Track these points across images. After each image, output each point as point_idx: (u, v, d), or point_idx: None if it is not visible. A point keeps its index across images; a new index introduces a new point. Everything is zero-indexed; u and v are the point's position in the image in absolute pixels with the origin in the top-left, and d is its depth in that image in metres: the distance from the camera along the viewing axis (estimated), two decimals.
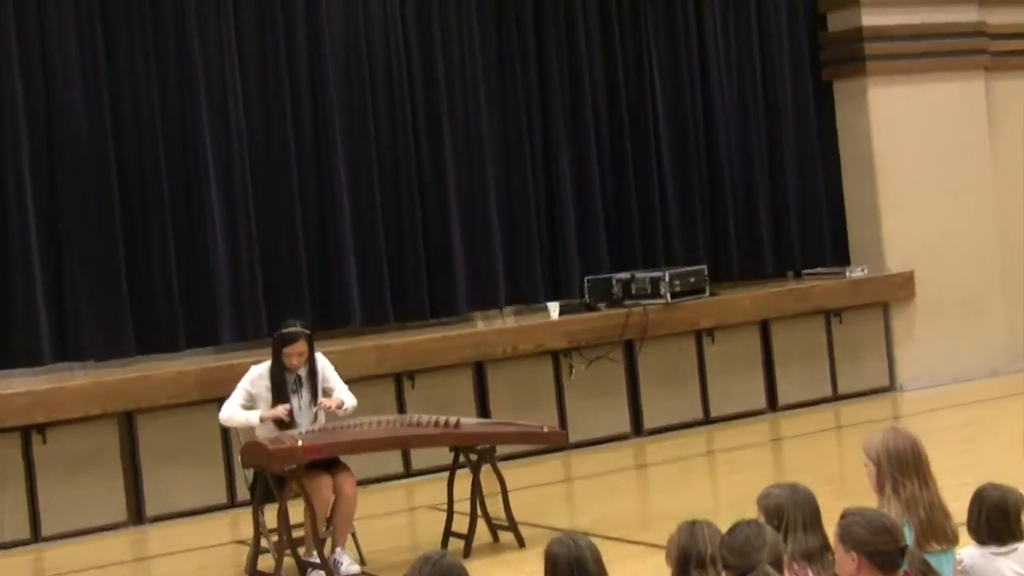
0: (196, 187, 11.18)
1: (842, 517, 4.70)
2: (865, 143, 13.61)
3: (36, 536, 10.04)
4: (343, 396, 8.47)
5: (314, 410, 8.40)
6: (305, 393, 8.43)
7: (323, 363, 8.56)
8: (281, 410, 8.25)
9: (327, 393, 8.49)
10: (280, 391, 8.35)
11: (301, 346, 8.36)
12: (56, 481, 10.09)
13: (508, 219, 12.46)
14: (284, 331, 8.43)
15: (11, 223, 10.57)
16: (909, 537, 4.96)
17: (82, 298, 10.80)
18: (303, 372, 8.42)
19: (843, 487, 9.03)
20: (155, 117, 11.07)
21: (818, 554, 4.96)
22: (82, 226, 10.81)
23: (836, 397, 13.07)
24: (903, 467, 5.31)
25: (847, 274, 13.39)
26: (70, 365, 10.93)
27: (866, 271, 13.39)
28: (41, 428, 10.05)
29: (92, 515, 10.19)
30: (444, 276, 12.09)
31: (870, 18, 13.55)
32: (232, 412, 8.36)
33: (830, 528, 4.91)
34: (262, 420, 8.28)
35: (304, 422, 8.35)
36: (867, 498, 5.34)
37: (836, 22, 13.83)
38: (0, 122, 10.57)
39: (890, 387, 13.41)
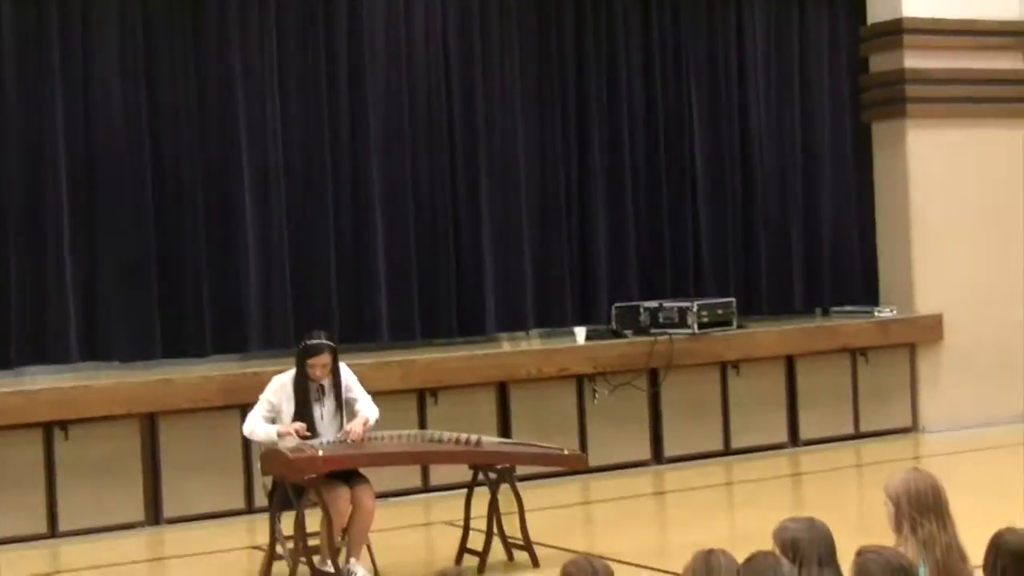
0: (231, 195, 11.24)
1: (858, 554, 4.68)
2: (902, 185, 13.58)
3: (53, 532, 10.08)
4: (366, 410, 8.47)
5: (341, 430, 8.37)
6: (328, 403, 8.45)
7: (346, 373, 8.57)
8: (292, 428, 8.25)
9: (350, 404, 8.50)
10: (303, 402, 8.37)
11: (325, 358, 8.38)
12: (76, 479, 10.13)
13: (540, 242, 12.48)
14: (309, 342, 8.44)
15: (46, 222, 10.63)
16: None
17: (112, 299, 10.86)
18: (326, 382, 8.44)
19: (861, 525, 8.99)
20: (192, 125, 11.14)
21: None
22: (116, 228, 10.88)
23: (858, 435, 13.03)
24: (922, 507, 5.30)
25: (875, 314, 13.36)
26: (96, 364, 10.98)
27: (895, 312, 13.35)
28: (64, 426, 10.10)
29: (110, 514, 10.23)
30: (473, 295, 12.12)
31: (912, 61, 13.52)
32: (254, 426, 8.38)
33: (844, 564, 4.90)
34: (280, 436, 8.29)
35: (326, 432, 8.36)
36: (884, 537, 5.32)
37: (878, 63, 13.81)
38: (39, 125, 10.65)
39: (913, 428, 13.36)
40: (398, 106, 11.90)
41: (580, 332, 12.08)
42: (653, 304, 12.34)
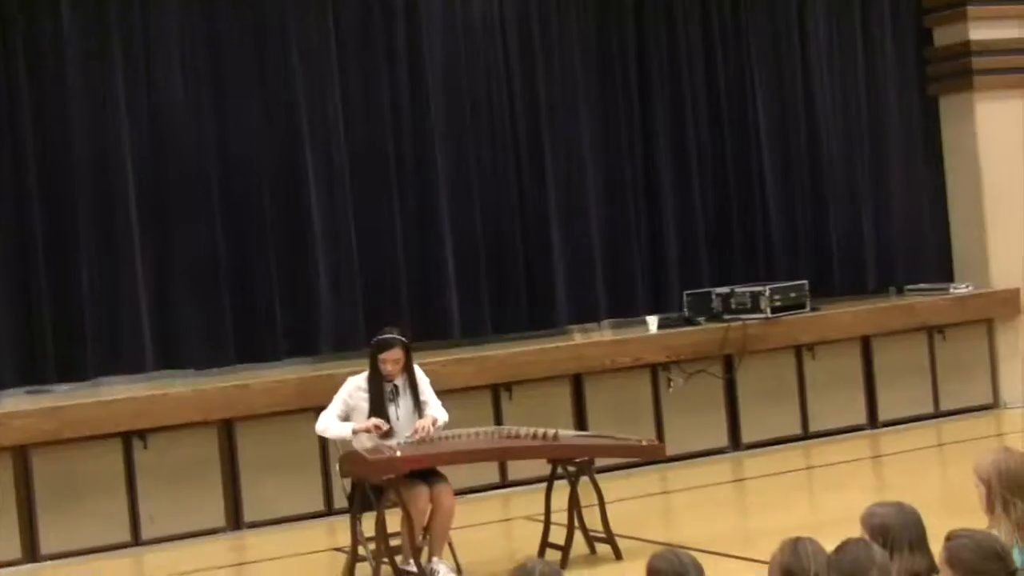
0: (297, 199, 11.26)
1: (948, 539, 4.59)
2: (972, 158, 13.42)
3: (136, 540, 10.14)
4: (436, 412, 8.47)
5: (415, 427, 8.37)
6: (404, 403, 8.44)
7: (419, 375, 8.56)
8: (371, 423, 8.25)
9: (423, 406, 8.48)
10: (377, 401, 8.36)
11: (397, 353, 8.37)
12: (156, 486, 10.19)
13: (609, 232, 12.42)
14: (380, 338, 8.47)
15: (117, 232, 10.70)
16: (1019, 558, 4.85)
17: (185, 308, 10.91)
18: (400, 381, 8.43)
19: (946, 505, 8.87)
20: (259, 130, 11.17)
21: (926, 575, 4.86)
22: (185, 238, 10.94)
23: (938, 414, 12.89)
24: (1015, 487, 5.21)
25: (951, 290, 13.21)
26: (171, 373, 11.04)
27: (970, 288, 13.19)
28: (143, 434, 10.15)
29: (191, 520, 10.28)
30: (544, 289, 12.08)
31: (977, 32, 13.35)
32: (328, 424, 8.40)
33: (933, 546, 4.82)
34: (355, 433, 8.29)
35: (403, 432, 8.35)
36: (972, 517, 5.24)
37: (943, 36, 13.65)
38: (104, 132, 10.71)
39: (994, 404, 13.20)
40: (459, 98, 11.88)
41: (652, 321, 12.02)
42: (725, 290, 12.26)
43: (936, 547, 4.71)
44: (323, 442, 10.23)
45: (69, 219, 10.58)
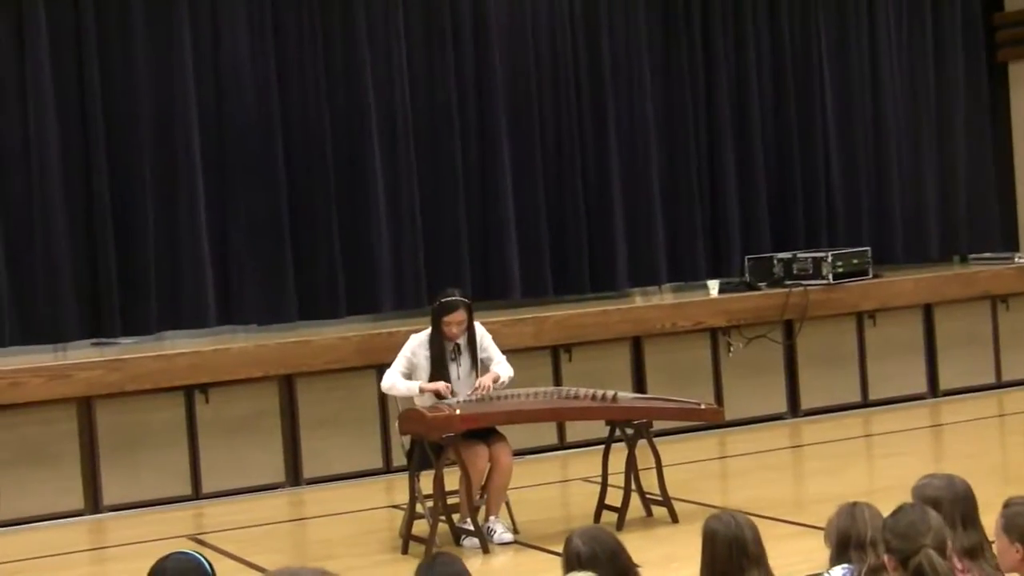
0: (360, 157, 11.29)
1: (1005, 506, 4.59)
2: None
3: (197, 493, 10.25)
4: (500, 368, 8.49)
5: (474, 385, 8.41)
6: (464, 361, 8.48)
7: (481, 332, 8.59)
8: (441, 385, 8.29)
9: (485, 364, 8.52)
10: (439, 360, 8.40)
11: (460, 315, 8.40)
12: (217, 441, 10.29)
13: (670, 196, 12.40)
14: (444, 300, 8.48)
15: (181, 191, 10.76)
16: None
17: (247, 264, 10.99)
18: (462, 341, 8.47)
19: (1006, 476, 8.86)
20: (321, 88, 11.19)
21: (979, 550, 4.84)
22: (248, 194, 11.00)
23: (1000, 384, 12.79)
24: None
25: (1015, 260, 13.08)
26: (233, 328, 11.13)
27: None
28: (204, 388, 10.25)
29: (251, 475, 10.38)
30: (605, 251, 12.08)
31: None
32: (394, 381, 8.43)
33: (986, 517, 4.81)
34: (422, 391, 8.34)
35: (462, 391, 8.39)
36: None
37: (1013, 1, 13.50)
38: (170, 87, 10.77)
39: None
40: (523, 57, 11.87)
41: (713, 285, 11.99)
42: (786, 255, 12.21)
43: (988, 517, 4.69)
44: (382, 399, 10.30)
45: (134, 174, 10.65)
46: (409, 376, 8.43)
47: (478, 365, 8.50)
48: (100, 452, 10.02)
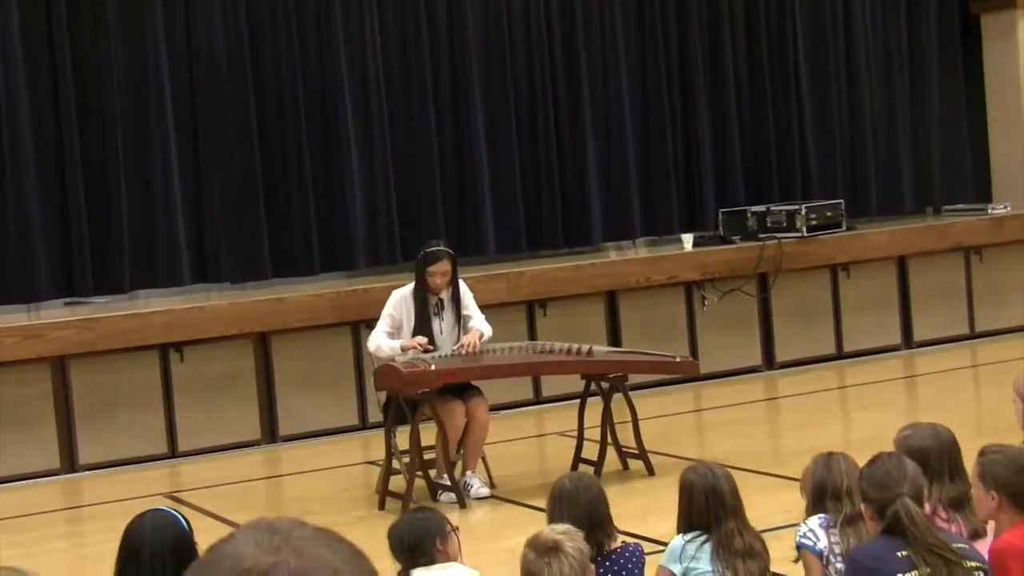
0: (333, 114, 11.25)
1: (981, 454, 4.60)
2: (1013, 78, 13.31)
3: (173, 452, 10.24)
4: (481, 326, 8.47)
5: (456, 343, 8.38)
6: (448, 316, 8.46)
7: (464, 289, 8.57)
8: (418, 341, 8.26)
9: (465, 321, 8.50)
10: (422, 314, 8.37)
11: (444, 265, 8.37)
12: (193, 399, 10.27)
13: (644, 150, 12.38)
14: (428, 250, 8.44)
15: (154, 149, 10.72)
16: None
17: (221, 221, 10.95)
18: (445, 295, 8.44)
19: (980, 426, 8.89)
20: (293, 44, 11.15)
21: (964, 501, 4.85)
22: (222, 151, 10.96)
23: (973, 335, 12.84)
24: None
25: (989, 211, 13.11)
26: (207, 286, 11.10)
27: (1009, 208, 13.09)
28: (179, 347, 10.23)
29: (227, 433, 10.37)
30: (579, 206, 12.07)
31: None
32: (379, 342, 8.37)
33: (969, 466, 4.82)
34: (403, 350, 8.30)
35: (444, 346, 8.37)
36: (1006, 436, 5.26)
37: None
38: (142, 49, 10.71)
39: None
40: (497, 15, 11.82)
41: (687, 239, 11.99)
42: (760, 208, 12.20)
43: (968, 466, 4.71)
44: (358, 356, 10.29)
45: (107, 133, 10.60)
46: (392, 334, 8.39)
47: (460, 322, 8.48)
48: (75, 411, 10.00)
